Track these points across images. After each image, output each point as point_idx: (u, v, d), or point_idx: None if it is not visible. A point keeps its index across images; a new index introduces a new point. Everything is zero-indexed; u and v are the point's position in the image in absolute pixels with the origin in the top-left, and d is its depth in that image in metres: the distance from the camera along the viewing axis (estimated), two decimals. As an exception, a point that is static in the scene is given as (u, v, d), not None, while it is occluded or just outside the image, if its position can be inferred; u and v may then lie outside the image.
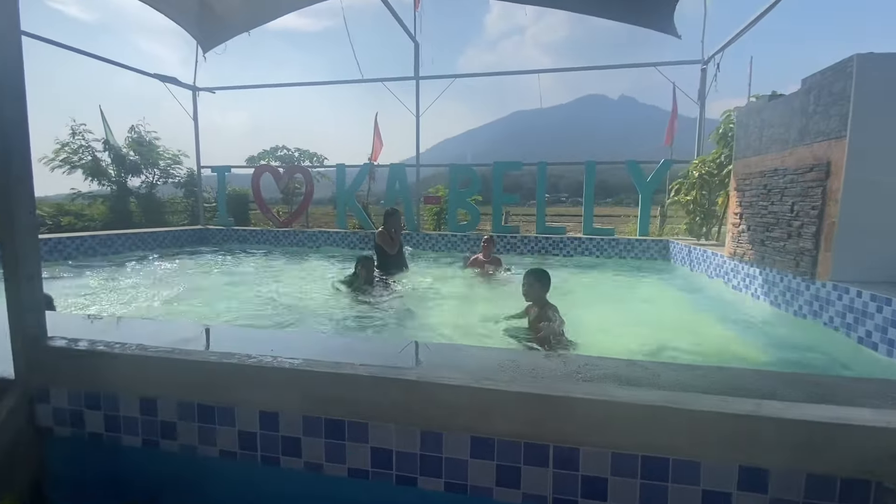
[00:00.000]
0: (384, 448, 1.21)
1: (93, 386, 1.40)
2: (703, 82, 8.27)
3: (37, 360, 1.44)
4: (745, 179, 5.24)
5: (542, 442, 1.12)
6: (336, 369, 1.24)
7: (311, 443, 1.25)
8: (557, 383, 1.16)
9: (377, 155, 11.25)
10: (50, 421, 1.46)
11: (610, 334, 3.92)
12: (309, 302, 4.91)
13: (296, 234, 10.01)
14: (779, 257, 4.45)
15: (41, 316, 1.49)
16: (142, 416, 1.37)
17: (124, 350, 1.38)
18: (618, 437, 1.08)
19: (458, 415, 1.15)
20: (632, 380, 1.28)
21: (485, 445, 1.15)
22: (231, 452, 1.31)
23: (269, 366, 1.27)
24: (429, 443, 1.18)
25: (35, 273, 1.45)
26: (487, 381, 1.16)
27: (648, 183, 8.41)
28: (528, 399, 1.11)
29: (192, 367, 1.31)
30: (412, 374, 1.19)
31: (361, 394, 1.20)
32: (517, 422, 1.12)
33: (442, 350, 1.87)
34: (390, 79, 9.70)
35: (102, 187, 12.69)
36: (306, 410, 1.25)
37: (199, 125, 10.99)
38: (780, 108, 4.59)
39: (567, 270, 7.26)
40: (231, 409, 1.29)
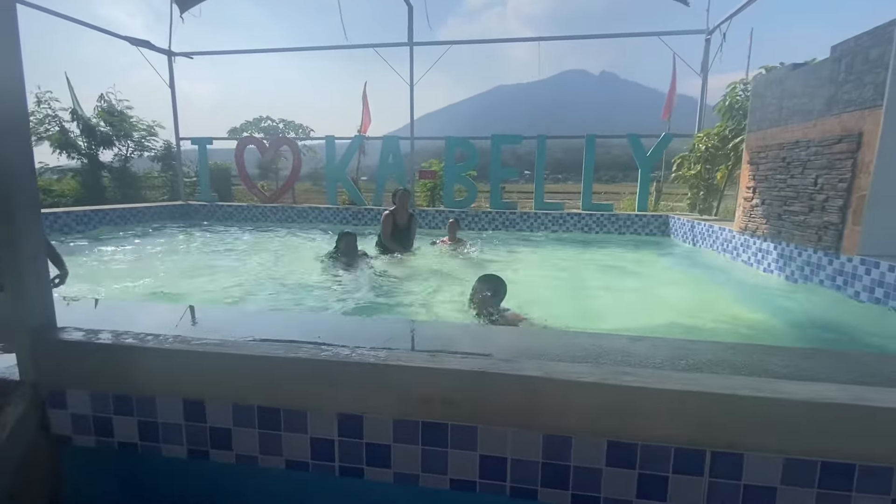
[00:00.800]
0: (497, 456, 1.01)
1: (120, 388, 1.15)
2: (706, 53, 8.08)
3: (48, 357, 1.18)
4: (760, 152, 5.12)
5: (698, 447, 0.94)
6: (434, 363, 1.02)
7: (405, 451, 1.04)
8: (718, 379, 0.97)
9: (366, 127, 10.80)
10: (67, 429, 1.21)
11: (621, 314, 3.80)
12: (304, 279, 4.63)
13: (284, 210, 9.59)
14: (798, 232, 4.37)
15: (49, 303, 1.22)
16: (186, 423, 1.13)
17: (161, 343, 1.13)
18: (790, 441, 0.91)
19: (591, 417, 0.96)
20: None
21: (625, 451, 0.96)
22: (302, 463, 1.10)
23: (347, 360, 1.05)
24: (553, 449, 0.98)
25: (38, 252, 1.18)
26: (629, 378, 0.96)
27: (648, 157, 8.27)
28: (688, 398, 0.92)
29: (249, 363, 1.08)
30: (534, 371, 0.99)
31: (469, 393, 0.99)
32: (668, 424, 0.94)
33: (505, 335, 1.67)
34: (382, 45, 9.18)
35: (72, 160, 11.88)
36: (398, 414, 1.03)
37: (176, 93, 10.29)
38: (804, 77, 4.44)
39: (568, 246, 7.13)
40: (302, 414, 1.07)
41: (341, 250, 4.80)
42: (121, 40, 9.61)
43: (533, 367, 1.00)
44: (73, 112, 11.60)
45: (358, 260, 4.79)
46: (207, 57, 11.33)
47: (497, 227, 8.64)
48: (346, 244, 4.80)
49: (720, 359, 1.41)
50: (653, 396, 0.93)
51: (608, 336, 1.58)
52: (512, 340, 1.54)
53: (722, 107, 6.97)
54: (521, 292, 4.28)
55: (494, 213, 8.69)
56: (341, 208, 9.37)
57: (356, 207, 9.38)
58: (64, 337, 1.18)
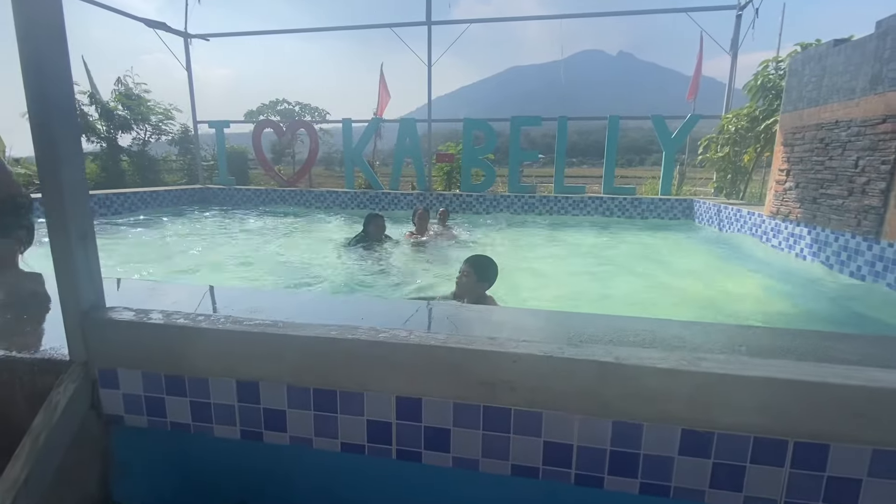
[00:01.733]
0: (562, 443, 0.97)
1: (172, 368, 1.14)
2: (736, 30, 7.76)
3: (98, 338, 1.17)
4: (795, 133, 4.93)
5: (780, 437, 0.89)
6: (495, 346, 0.98)
7: (465, 435, 1.02)
8: (804, 366, 0.91)
9: (383, 109, 10.68)
10: (119, 408, 1.21)
11: (650, 299, 3.72)
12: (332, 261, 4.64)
13: (302, 193, 9.59)
14: (835, 216, 4.22)
15: (98, 284, 1.21)
16: (240, 404, 1.12)
17: (213, 324, 1.11)
18: (881, 431, 0.86)
19: (665, 403, 0.91)
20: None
21: (700, 440, 0.92)
22: (357, 445, 1.08)
23: (406, 342, 1.01)
24: (623, 437, 0.95)
25: (88, 231, 1.16)
26: (707, 363, 0.91)
27: (674, 139, 8.04)
28: (773, 385, 0.87)
29: (304, 343, 1.05)
30: (604, 356, 0.94)
31: (535, 379, 0.96)
32: (749, 412, 0.89)
33: (554, 319, 1.63)
34: (399, 24, 9.00)
35: (91, 144, 11.99)
36: (458, 397, 1.00)
37: (192, 76, 10.28)
38: (846, 54, 4.23)
39: (591, 231, 7.02)
40: (359, 395, 1.04)
41: (369, 233, 4.68)
42: (137, 23, 9.59)
43: (603, 353, 0.95)
44: (91, 96, 11.67)
45: (385, 243, 4.76)
46: (223, 40, 11.24)
47: (515, 210, 8.53)
48: (374, 227, 4.67)
49: (780, 345, 1.35)
50: (734, 383, 0.88)
51: (659, 321, 1.52)
52: (559, 323, 1.50)
53: (752, 86, 6.71)
54: (546, 279, 4.23)
55: (513, 196, 8.58)
56: (358, 192, 9.33)
57: (373, 191, 9.34)
58: (114, 317, 1.17)
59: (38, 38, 1.03)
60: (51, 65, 1.05)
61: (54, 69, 1.06)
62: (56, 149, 1.07)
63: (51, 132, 1.06)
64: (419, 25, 8.79)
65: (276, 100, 15.33)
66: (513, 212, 8.49)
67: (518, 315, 1.66)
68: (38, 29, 1.03)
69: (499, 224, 7.35)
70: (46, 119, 1.06)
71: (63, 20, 1.08)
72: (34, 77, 1.04)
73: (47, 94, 1.05)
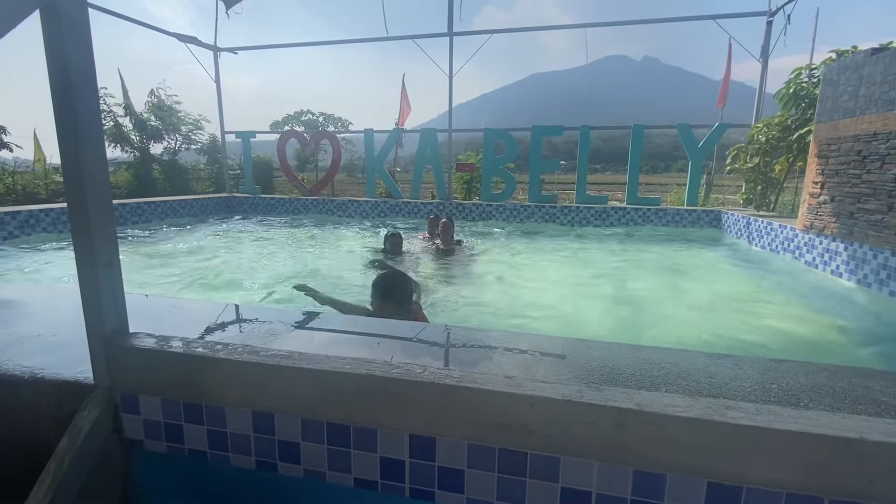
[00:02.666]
0: (581, 489, 0.94)
1: (191, 396, 1.15)
2: (767, 36, 7.54)
3: (122, 363, 1.19)
4: (830, 144, 4.74)
5: (814, 494, 0.84)
6: (512, 388, 0.96)
7: (479, 477, 0.99)
8: (840, 419, 0.86)
9: (405, 119, 10.77)
10: (140, 433, 1.23)
11: (675, 318, 3.60)
12: (353, 275, 4.67)
13: (325, 202, 9.74)
14: (873, 232, 4.03)
15: (122, 310, 1.23)
16: (255, 434, 1.12)
17: (230, 354, 1.12)
18: (930, 495, 0.80)
19: (689, 453, 0.87)
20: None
21: (727, 494, 0.87)
22: (371, 482, 1.06)
23: (420, 379, 1.00)
24: (645, 487, 0.91)
25: (113, 259, 1.18)
26: (734, 413, 0.87)
27: (700, 148, 7.85)
28: (805, 440, 0.82)
29: (319, 377, 1.05)
30: (624, 402, 0.91)
31: (553, 422, 0.93)
32: (780, 467, 0.84)
33: (573, 346, 1.59)
34: (421, 35, 9.09)
35: (125, 154, 12.47)
36: (473, 438, 0.98)
37: (221, 88, 10.59)
38: (885, 63, 4.05)
39: (614, 242, 6.89)
40: (373, 431, 1.03)
41: (388, 250, 5.01)
42: (169, 37, 9.95)
43: (622, 398, 0.92)
44: (125, 107, 12.15)
45: (404, 259, 4.90)
46: (250, 52, 11.57)
47: (536, 220, 8.46)
48: (391, 244, 5.00)
49: (816, 384, 1.28)
50: (763, 436, 0.84)
51: (685, 353, 1.47)
52: (579, 352, 1.46)
53: (784, 94, 6.49)
54: (562, 293, 4.16)
55: (533, 206, 8.51)
56: (379, 201, 9.42)
57: (394, 200, 9.41)
58: (136, 343, 1.19)
59: (70, 73, 1.06)
60: (80, 98, 1.08)
61: (84, 103, 1.09)
62: (83, 180, 1.10)
63: (79, 163, 1.09)
64: (441, 37, 8.85)
65: (301, 110, 15.68)
66: (534, 221, 8.42)
67: (537, 343, 1.62)
68: (69, 66, 1.06)
69: (515, 234, 7.28)
70: (75, 151, 1.09)
71: (91, 49, 1.11)
72: (64, 112, 1.07)
73: (77, 122, 1.08)
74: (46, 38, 1.06)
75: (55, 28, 1.04)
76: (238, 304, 1.83)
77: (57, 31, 1.04)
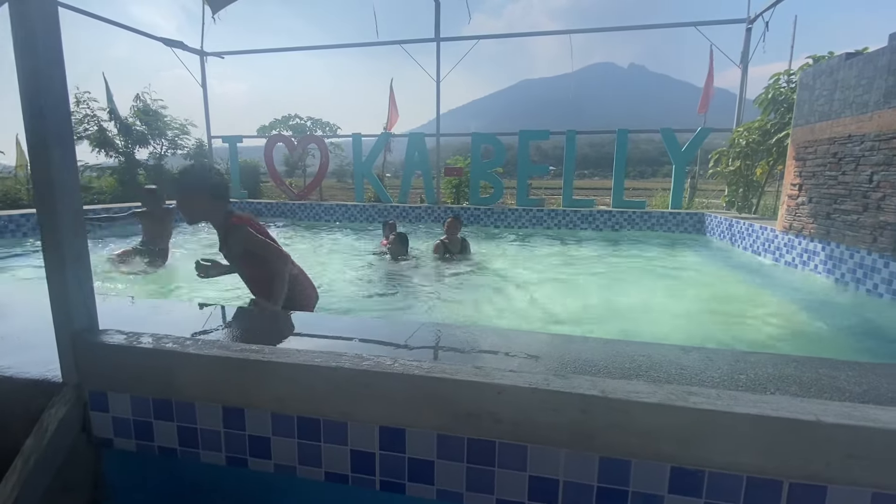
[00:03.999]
0: (548, 477, 0.95)
1: (161, 392, 1.14)
2: (746, 43, 7.71)
3: (90, 360, 1.18)
4: (807, 147, 4.85)
5: (774, 477, 0.85)
6: (481, 377, 0.96)
7: (449, 467, 0.99)
8: (797, 402, 0.88)
9: (393, 124, 10.80)
10: (109, 431, 1.21)
11: (660, 317, 3.64)
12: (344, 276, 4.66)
13: (312, 207, 9.69)
14: (850, 232, 4.12)
15: (91, 307, 1.22)
16: (225, 430, 1.11)
17: (201, 350, 1.11)
18: (883, 474, 0.82)
19: (653, 439, 0.88)
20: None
21: (690, 478, 0.88)
22: (341, 475, 1.06)
23: (390, 371, 1.00)
24: (611, 473, 0.91)
25: (82, 254, 1.17)
26: (696, 399, 0.88)
27: (684, 152, 7.98)
28: (764, 423, 0.83)
29: (289, 371, 1.04)
30: (588, 389, 0.92)
31: (521, 411, 0.93)
32: (740, 451, 0.85)
33: (550, 341, 1.60)
34: (409, 41, 9.13)
35: (110, 159, 12.31)
36: (442, 428, 0.98)
37: (207, 93, 10.52)
38: (858, 68, 4.17)
39: (598, 245, 6.95)
40: (343, 425, 1.03)
41: (393, 249, 5.00)
42: (155, 41, 9.89)
43: (588, 385, 0.93)
44: (110, 112, 12.00)
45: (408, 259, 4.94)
46: (237, 56, 11.53)
47: (524, 224, 8.51)
48: (394, 244, 4.99)
49: (783, 373, 1.31)
50: (723, 420, 0.85)
51: (658, 346, 1.49)
52: (554, 347, 1.47)
53: (764, 99, 6.63)
54: (550, 294, 4.19)
55: (521, 210, 8.56)
56: (367, 206, 9.40)
57: (382, 204, 9.40)
58: (106, 340, 1.18)
59: (37, 71, 1.06)
60: (48, 93, 1.08)
61: (52, 98, 1.08)
62: (51, 173, 1.09)
63: (47, 156, 1.09)
64: (428, 42, 8.91)
65: (289, 115, 15.62)
66: (521, 225, 8.47)
67: (515, 337, 1.63)
68: (37, 62, 1.05)
69: (502, 237, 7.32)
70: (43, 143, 1.08)
71: (61, 54, 1.11)
72: (32, 104, 1.06)
73: (45, 120, 1.07)
74: (15, 34, 1.05)
75: (25, 26, 1.04)
76: (214, 305, 1.81)
77: (26, 28, 1.04)
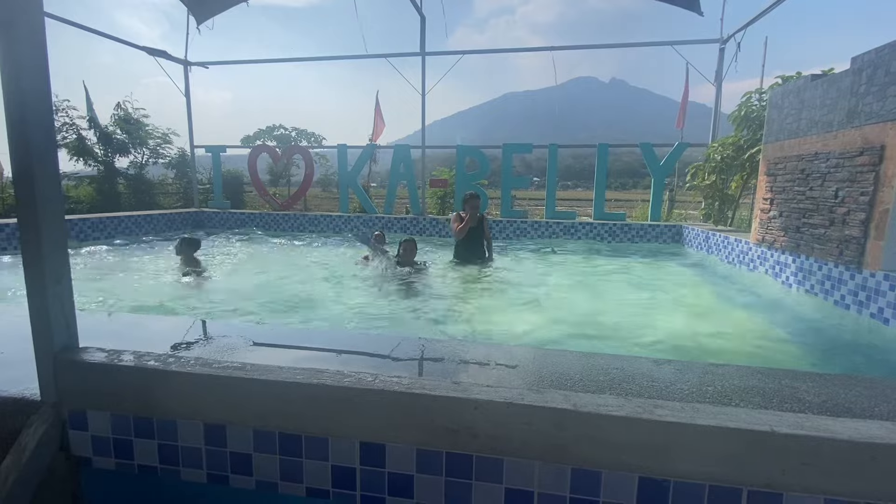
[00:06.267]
0: (523, 489, 0.98)
1: (142, 410, 1.15)
2: (720, 62, 8.01)
3: (69, 378, 1.18)
4: (777, 163, 5.04)
5: (734, 485, 0.90)
6: (459, 392, 1.00)
7: (428, 481, 1.02)
8: (754, 414, 0.93)
9: (378, 135, 10.85)
10: (87, 450, 1.21)
11: (635, 328, 3.72)
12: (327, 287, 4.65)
13: (296, 217, 9.65)
14: (818, 245, 4.28)
15: (72, 325, 1.22)
16: (207, 447, 1.12)
17: (182, 367, 1.12)
18: (834, 482, 0.87)
19: (622, 451, 0.93)
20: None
21: (657, 488, 0.93)
22: (322, 491, 1.08)
23: (370, 387, 1.03)
24: (583, 484, 0.95)
25: (63, 274, 1.18)
26: (661, 411, 0.93)
27: (662, 166, 8.20)
28: (723, 434, 0.89)
29: (271, 388, 1.06)
30: (561, 402, 0.96)
31: (496, 425, 0.97)
32: (702, 460, 0.90)
33: (526, 354, 1.64)
34: (394, 55, 9.24)
35: (88, 167, 12.09)
36: (422, 443, 1.01)
37: (191, 102, 10.45)
38: (823, 89, 4.37)
39: (579, 256, 7.07)
40: (324, 440, 1.05)
41: (401, 256, 5.04)
42: (138, 50, 9.80)
43: (560, 399, 0.97)
44: (89, 120, 11.81)
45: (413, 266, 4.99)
46: (223, 67, 11.49)
47: (507, 236, 8.60)
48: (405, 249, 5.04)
49: (749, 385, 1.38)
50: (686, 431, 0.90)
51: (631, 359, 1.54)
52: (532, 360, 1.52)
53: (737, 116, 6.89)
54: (533, 305, 4.25)
55: (505, 221, 8.66)
56: (352, 216, 9.40)
57: (367, 215, 9.41)
58: (86, 358, 1.18)
59: (21, 83, 1.07)
60: (33, 111, 1.09)
61: (36, 116, 1.10)
62: (35, 191, 1.10)
63: (31, 176, 1.10)
64: (413, 56, 9.03)
65: (273, 125, 15.59)
66: (504, 237, 8.56)
67: (495, 351, 1.67)
68: (22, 73, 1.07)
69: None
70: (26, 157, 1.09)
71: (47, 69, 1.13)
72: (17, 122, 1.07)
73: (29, 139, 1.08)
74: (2, 52, 1.07)
75: (12, 44, 1.05)
76: (196, 318, 1.82)
77: (12, 41, 1.05)
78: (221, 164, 10.59)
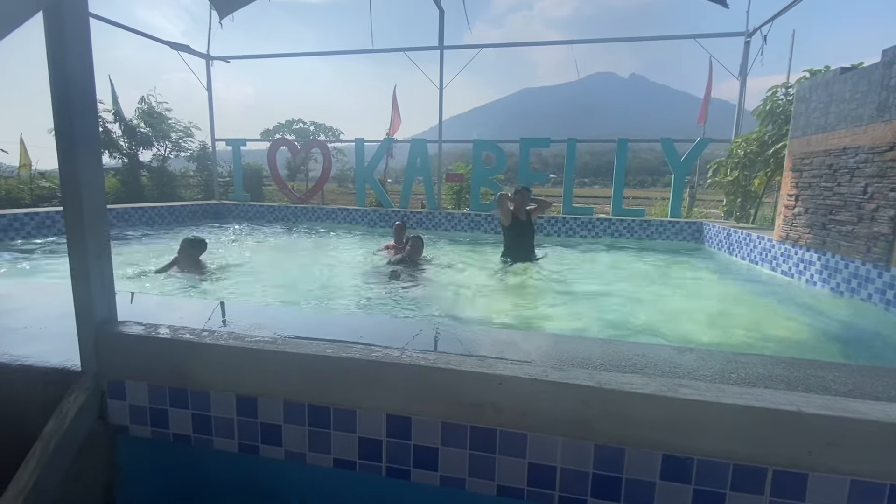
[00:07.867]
0: (546, 464, 1.00)
1: (177, 381, 1.20)
2: (745, 56, 7.82)
3: (109, 350, 1.23)
4: (803, 159, 4.93)
5: (759, 464, 0.91)
6: (484, 368, 1.02)
7: (452, 454, 1.05)
8: (780, 394, 0.94)
9: (396, 129, 10.89)
10: (125, 419, 1.26)
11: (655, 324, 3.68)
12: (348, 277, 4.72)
13: (314, 210, 9.76)
14: (845, 242, 4.18)
15: (111, 300, 1.28)
16: (238, 417, 1.16)
17: (216, 339, 1.17)
18: (861, 463, 0.87)
19: (645, 428, 0.94)
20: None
21: (680, 466, 0.94)
22: (349, 462, 1.11)
23: (398, 361, 1.06)
24: (605, 460, 0.97)
25: (104, 251, 1.23)
26: (686, 390, 0.94)
27: (683, 162, 8.06)
28: (749, 413, 0.89)
29: (301, 361, 1.10)
30: (585, 380, 0.97)
31: (521, 401, 0.99)
32: (727, 440, 0.91)
33: (547, 340, 1.65)
34: (412, 48, 9.26)
35: (113, 160, 12.40)
36: (447, 417, 1.04)
37: (212, 96, 10.63)
38: (853, 82, 4.25)
39: (598, 252, 7.02)
40: (352, 413, 1.09)
41: (408, 252, 5.10)
42: (161, 44, 10.01)
43: (584, 377, 0.98)
44: (115, 113, 12.10)
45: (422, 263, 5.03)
46: (244, 61, 11.64)
47: (524, 231, 8.57)
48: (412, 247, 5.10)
49: (773, 373, 1.36)
50: (710, 410, 0.91)
51: (653, 346, 1.54)
52: (553, 345, 1.53)
53: (762, 111, 6.73)
54: (550, 299, 4.24)
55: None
56: (369, 210, 9.47)
57: (383, 209, 9.47)
58: (125, 330, 1.23)
59: (68, 73, 1.12)
60: (78, 99, 1.14)
61: (81, 103, 1.15)
62: (78, 174, 1.15)
63: (74, 159, 1.15)
64: (432, 50, 9.03)
65: (292, 119, 15.76)
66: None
67: (514, 337, 1.69)
68: (67, 64, 1.12)
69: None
70: (71, 147, 1.14)
71: (91, 60, 1.17)
72: (62, 109, 1.12)
73: (74, 125, 1.13)
74: (48, 41, 1.11)
75: (58, 32, 1.10)
76: (224, 302, 1.87)
77: (60, 35, 1.10)
78: (241, 157, 10.77)
